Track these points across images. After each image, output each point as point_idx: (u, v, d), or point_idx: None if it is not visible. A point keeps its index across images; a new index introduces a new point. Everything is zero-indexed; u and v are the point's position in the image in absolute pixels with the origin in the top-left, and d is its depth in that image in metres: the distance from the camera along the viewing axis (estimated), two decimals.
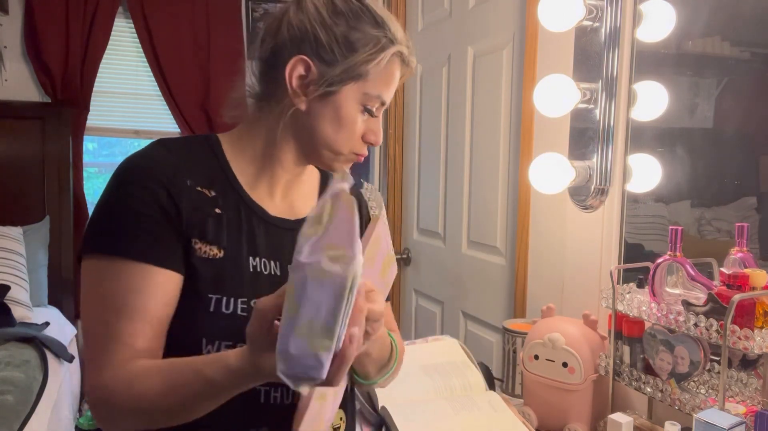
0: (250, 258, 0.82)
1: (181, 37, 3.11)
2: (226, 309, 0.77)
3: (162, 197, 0.76)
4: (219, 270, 0.79)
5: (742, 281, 0.99)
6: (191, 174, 0.80)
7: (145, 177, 0.77)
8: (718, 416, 0.92)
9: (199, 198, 0.80)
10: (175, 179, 0.78)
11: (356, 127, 0.83)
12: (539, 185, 1.44)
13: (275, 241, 0.85)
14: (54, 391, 1.98)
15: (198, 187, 0.80)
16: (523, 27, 1.78)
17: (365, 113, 0.84)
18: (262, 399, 0.81)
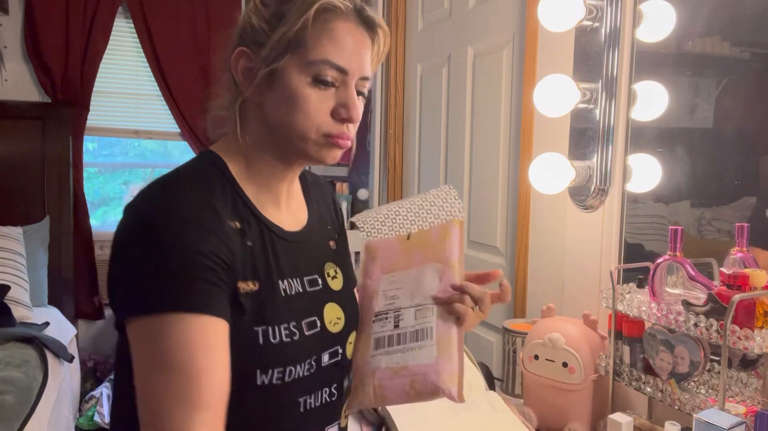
0: (280, 283, 0.80)
1: (181, 37, 3.12)
2: (273, 339, 0.76)
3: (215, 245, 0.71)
4: (258, 302, 0.76)
5: (742, 281, 0.99)
6: (221, 210, 0.75)
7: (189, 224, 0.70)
8: (718, 416, 0.92)
9: (234, 235, 0.75)
10: (219, 223, 0.73)
11: (310, 104, 0.76)
12: (539, 185, 1.44)
13: (293, 258, 0.83)
14: (54, 391, 1.98)
15: (230, 222, 0.76)
16: (523, 27, 1.78)
17: (319, 85, 0.76)
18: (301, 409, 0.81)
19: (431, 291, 0.83)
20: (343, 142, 0.79)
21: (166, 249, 0.68)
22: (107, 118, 3.16)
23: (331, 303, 0.86)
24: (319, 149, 0.79)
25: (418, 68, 2.53)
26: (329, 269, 0.89)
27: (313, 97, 0.76)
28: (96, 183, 3.36)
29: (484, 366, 1.50)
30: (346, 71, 0.77)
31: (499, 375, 1.60)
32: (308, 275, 0.85)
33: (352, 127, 0.80)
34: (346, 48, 0.76)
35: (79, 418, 2.62)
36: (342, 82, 0.77)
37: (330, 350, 0.84)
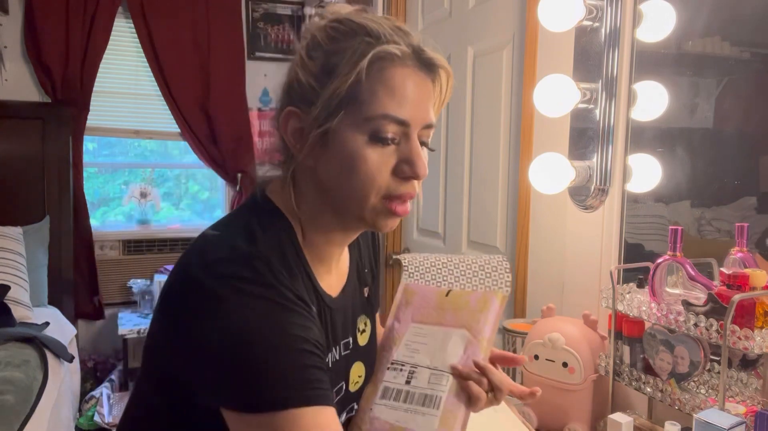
0: (329, 355, 0.76)
1: (181, 37, 3.12)
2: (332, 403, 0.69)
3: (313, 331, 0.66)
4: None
5: (742, 281, 0.99)
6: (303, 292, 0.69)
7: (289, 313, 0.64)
8: (718, 416, 0.92)
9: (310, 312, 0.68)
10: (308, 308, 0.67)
11: (370, 164, 0.67)
12: (539, 185, 1.44)
13: (336, 325, 0.78)
14: (54, 391, 1.98)
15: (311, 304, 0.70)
16: (523, 27, 1.78)
17: (378, 143, 0.68)
18: None
19: (452, 359, 0.80)
20: (401, 208, 0.71)
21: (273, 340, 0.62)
22: (107, 118, 3.16)
23: (358, 363, 0.83)
24: (376, 216, 0.71)
25: None
26: (360, 324, 0.85)
27: (372, 156, 0.68)
28: (96, 183, 3.36)
29: None
30: (408, 124, 0.68)
31: None
32: (344, 338, 0.81)
33: (417, 185, 0.72)
34: (405, 97, 0.67)
35: (79, 418, 2.62)
36: (403, 135, 0.69)
37: (347, 408, 0.82)
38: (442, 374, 0.79)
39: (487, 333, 0.81)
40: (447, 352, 0.80)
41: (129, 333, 2.86)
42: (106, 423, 2.60)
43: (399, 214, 0.71)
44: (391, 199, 0.70)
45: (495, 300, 0.83)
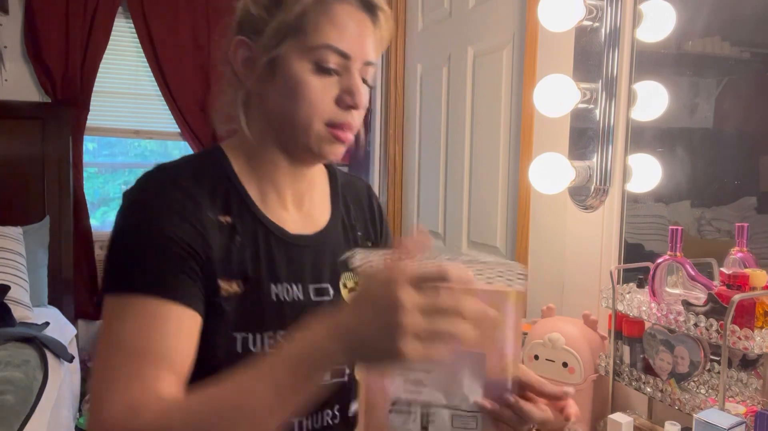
0: (272, 287, 0.75)
1: (181, 37, 3.12)
2: (254, 347, 0.72)
3: (193, 239, 0.70)
4: (241, 306, 0.73)
5: (742, 281, 0.99)
6: (209, 203, 0.74)
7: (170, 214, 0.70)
8: (718, 416, 0.92)
9: (221, 230, 0.73)
10: (197, 211, 0.72)
11: (313, 92, 0.72)
12: (539, 185, 1.44)
13: (296, 263, 0.79)
14: (54, 391, 1.98)
15: (219, 217, 0.74)
16: (523, 27, 1.77)
17: (320, 72, 0.73)
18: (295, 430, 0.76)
19: (473, 393, 0.64)
20: (343, 134, 0.75)
21: (140, 232, 0.69)
22: (107, 118, 3.16)
23: None
24: (320, 143, 0.75)
25: (418, 68, 2.53)
26: (347, 278, 0.83)
27: (316, 84, 0.73)
28: (96, 183, 3.36)
29: None
30: (349, 56, 0.73)
31: None
32: (316, 283, 0.80)
33: (357, 115, 0.76)
34: (346, 31, 0.73)
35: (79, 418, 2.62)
36: (345, 68, 0.74)
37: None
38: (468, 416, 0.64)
39: (510, 351, 0.63)
40: (464, 384, 0.64)
41: None
42: None
43: (342, 140, 0.75)
44: (333, 126, 0.74)
45: (508, 304, 0.63)
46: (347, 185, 0.92)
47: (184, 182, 0.74)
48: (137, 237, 0.69)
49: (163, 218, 0.70)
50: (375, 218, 0.93)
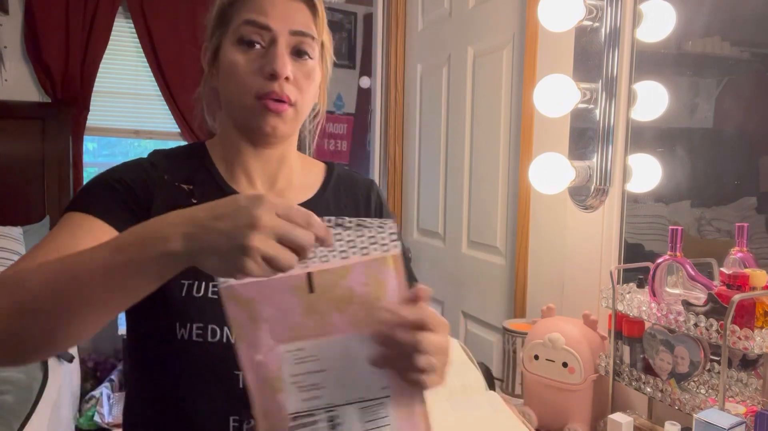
0: None
1: (181, 37, 3.12)
2: (197, 293, 0.76)
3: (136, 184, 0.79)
4: None
5: (742, 281, 0.99)
6: (170, 171, 0.83)
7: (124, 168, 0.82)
8: (718, 416, 0.92)
9: (173, 191, 0.82)
10: (153, 172, 0.82)
11: (239, 67, 0.78)
12: (539, 185, 1.44)
13: None
14: (54, 391, 1.98)
15: (176, 182, 0.82)
16: (523, 27, 1.78)
17: (244, 47, 0.78)
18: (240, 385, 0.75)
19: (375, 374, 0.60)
20: (273, 104, 0.78)
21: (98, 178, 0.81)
22: (107, 118, 3.16)
23: None
24: (254, 117, 0.79)
25: (418, 68, 2.53)
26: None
27: (239, 58, 0.78)
28: None
29: (484, 366, 1.50)
30: (268, 26, 0.77)
31: (499, 375, 1.60)
32: None
33: (290, 88, 0.78)
34: (263, 9, 0.78)
35: (79, 418, 2.62)
36: (270, 40, 0.78)
37: None
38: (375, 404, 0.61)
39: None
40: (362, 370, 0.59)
41: None
42: (106, 423, 2.60)
43: (271, 109, 0.78)
44: (261, 97, 0.78)
45: (387, 271, 0.58)
46: (345, 178, 0.95)
47: (155, 156, 0.85)
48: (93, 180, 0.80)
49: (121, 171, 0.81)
50: (371, 211, 0.95)
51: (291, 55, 0.79)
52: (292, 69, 0.79)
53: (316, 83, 0.84)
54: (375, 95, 2.75)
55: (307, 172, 0.93)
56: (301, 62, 0.80)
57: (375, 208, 0.96)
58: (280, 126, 0.80)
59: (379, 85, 2.74)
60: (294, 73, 0.79)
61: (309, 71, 0.81)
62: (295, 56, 0.80)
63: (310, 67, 0.81)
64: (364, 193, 0.96)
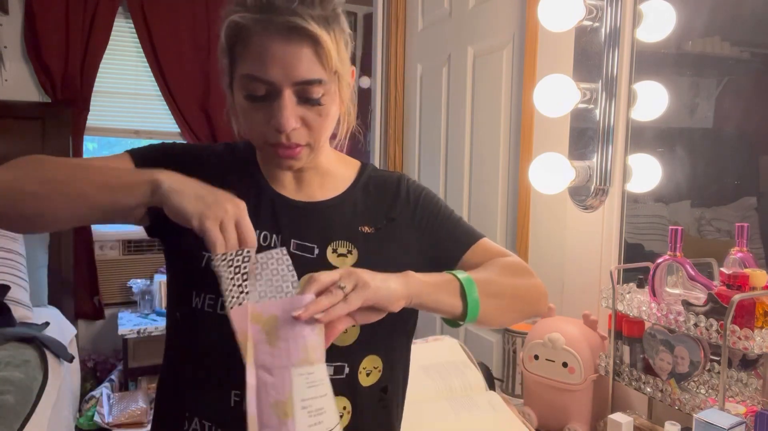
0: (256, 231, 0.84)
1: (181, 37, 3.12)
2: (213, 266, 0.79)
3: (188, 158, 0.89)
4: None
5: (742, 281, 0.99)
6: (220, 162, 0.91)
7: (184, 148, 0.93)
8: (718, 416, 0.92)
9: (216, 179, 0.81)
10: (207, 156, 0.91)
11: (249, 117, 0.80)
12: (539, 185, 1.44)
13: (282, 217, 0.87)
14: (54, 391, 1.98)
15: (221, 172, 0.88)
16: (523, 27, 1.77)
17: (251, 100, 0.79)
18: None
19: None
20: (283, 151, 0.81)
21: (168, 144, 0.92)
22: (107, 118, 3.16)
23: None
24: (271, 158, 0.84)
25: (418, 68, 2.53)
26: (339, 246, 0.87)
27: (249, 110, 0.80)
28: None
29: (484, 366, 1.50)
30: (271, 82, 0.76)
31: (499, 375, 1.60)
32: (299, 239, 0.86)
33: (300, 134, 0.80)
34: (263, 59, 0.76)
35: (79, 418, 2.62)
36: (272, 92, 0.77)
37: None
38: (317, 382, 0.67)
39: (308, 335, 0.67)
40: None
41: (129, 333, 2.85)
42: (106, 423, 2.60)
43: (281, 157, 0.82)
44: (272, 146, 0.81)
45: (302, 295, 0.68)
46: (376, 177, 0.97)
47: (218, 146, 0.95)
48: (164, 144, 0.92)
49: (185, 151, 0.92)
50: (401, 199, 0.95)
51: (299, 101, 0.79)
52: (302, 114, 0.79)
53: (333, 114, 0.84)
54: (375, 95, 2.75)
55: (341, 170, 0.95)
56: (311, 106, 0.80)
57: (405, 196, 0.95)
58: (296, 164, 0.84)
59: (379, 85, 2.74)
60: (304, 117, 0.80)
61: (320, 111, 0.81)
62: (304, 102, 0.79)
63: (321, 108, 0.81)
64: (393, 186, 0.96)
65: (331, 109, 0.82)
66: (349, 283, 0.69)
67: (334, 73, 0.80)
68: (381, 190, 0.96)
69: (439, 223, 0.95)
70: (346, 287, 0.69)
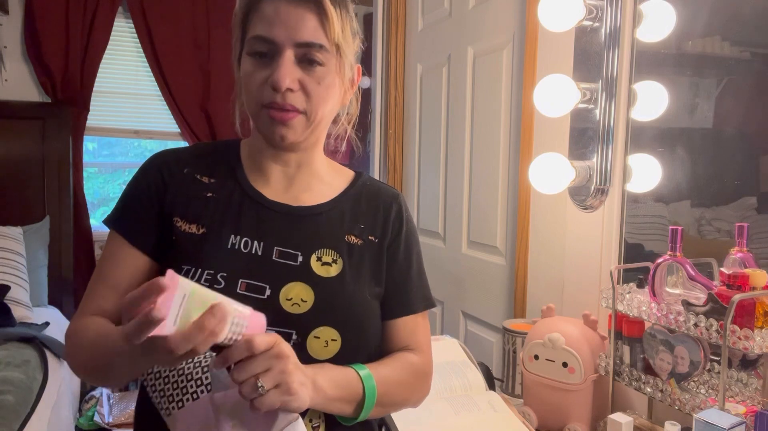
0: (231, 236, 0.85)
1: (181, 37, 3.12)
2: (191, 279, 0.77)
3: (155, 180, 0.87)
4: (197, 245, 0.84)
5: (742, 281, 0.99)
6: (193, 164, 0.89)
7: (150, 164, 0.89)
8: (718, 416, 0.92)
9: (192, 182, 0.88)
10: (174, 166, 0.88)
11: (250, 79, 0.81)
12: (539, 185, 1.44)
13: (266, 223, 0.86)
14: (54, 391, 1.98)
15: (196, 175, 0.88)
16: (523, 27, 1.78)
17: (254, 60, 0.81)
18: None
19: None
20: (276, 113, 0.80)
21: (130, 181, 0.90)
22: (107, 118, 3.16)
23: (300, 283, 0.83)
24: (264, 126, 0.83)
25: (418, 68, 2.53)
26: (324, 254, 0.87)
27: (249, 69, 0.81)
28: (96, 183, 3.36)
29: (484, 366, 1.50)
30: (272, 40, 0.79)
31: (499, 375, 1.60)
32: (282, 246, 0.85)
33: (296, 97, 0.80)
34: (270, 20, 0.79)
35: (79, 418, 2.62)
36: (275, 53, 0.80)
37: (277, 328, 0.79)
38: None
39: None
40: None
41: None
42: (106, 423, 2.60)
43: (273, 118, 0.81)
44: (267, 106, 0.81)
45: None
46: (370, 188, 0.97)
47: (183, 151, 0.92)
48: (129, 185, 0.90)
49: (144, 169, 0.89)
50: (390, 221, 0.94)
51: (300, 63, 0.81)
52: (301, 77, 0.80)
53: (332, 89, 0.84)
54: (375, 95, 2.75)
55: (332, 178, 0.95)
56: (310, 70, 0.81)
57: (395, 219, 0.95)
58: (289, 135, 0.83)
59: (379, 85, 2.74)
60: (302, 80, 0.81)
61: (319, 77, 0.81)
62: (305, 64, 0.81)
63: (320, 74, 0.82)
64: (386, 204, 0.95)
65: (331, 80, 0.83)
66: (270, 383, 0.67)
67: (336, 47, 0.82)
68: (374, 203, 0.95)
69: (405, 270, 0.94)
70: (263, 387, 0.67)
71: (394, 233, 0.94)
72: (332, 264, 0.86)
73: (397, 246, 0.94)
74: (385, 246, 0.93)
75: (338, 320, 0.84)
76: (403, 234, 0.95)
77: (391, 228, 0.94)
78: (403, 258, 0.94)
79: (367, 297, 0.89)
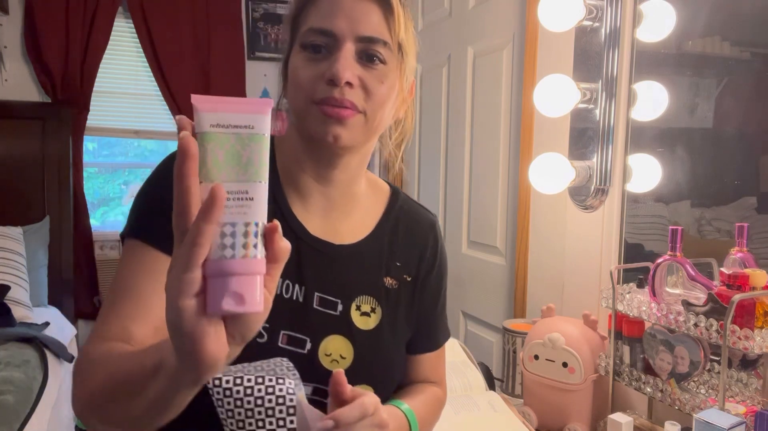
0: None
1: (181, 37, 3.12)
2: None
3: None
4: None
5: (742, 281, 0.99)
6: None
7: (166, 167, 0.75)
8: (718, 416, 0.92)
9: None
10: None
11: (302, 73, 0.73)
12: (539, 185, 1.44)
13: (307, 263, 0.78)
14: (54, 391, 1.98)
15: None
16: (523, 27, 1.78)
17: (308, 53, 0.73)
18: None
19: None
20: (332, 110, 0.71)
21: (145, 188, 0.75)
22: (107, 118, 3.16)
23: (339, 337, 0.77)
24: (314, 124, 0.73)
25: (419, 68, 2.53)
26: (363, 302, 0.81)
27: (301, 64, 0.73)
28: (96, 183, 3.36)
29: (484, 366, 1.50)
30: (331, 31, 0.72)
31: (499, 375, 1.60)
32: (323, 292, 0.78)
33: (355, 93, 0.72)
34: (330, 11, 0.72)
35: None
36: (333, 46, 0.72)
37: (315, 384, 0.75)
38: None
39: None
40: None
41: None
42: None
43: (328, 114, 0.71)
44: (320, 103, 0.72)
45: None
46: (408, 213, 0.89)
47: None
48: (142, 192, 0.75)
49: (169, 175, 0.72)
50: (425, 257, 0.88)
51: (359, 60, 0.73)
52: (361, 74, 0.72)
53: (393, 91, 0.76)
54: None
55: (369, 200, 0.87)
56: (371, 67, 0.73)
57: (430, 256, 0.89)
58: (344, 134, 0.72)
59: None
60: (362, 77, 0.72)
61: (381, 75, 0.74)
62: (365, 61, 0.73)
63: (381, 71, 0.74)
64: (423, 236, 0.89)
65: (393, 80, 0.75)
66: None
67: (399, 46, 0.76)
68: (411, 234, 0.88)
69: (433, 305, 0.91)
70: None
71: (428, 268, 0.89)
72: (371, 314, 0.81)
73: (430, 282, 0.90)
74: (419, 283, 0.88)
75: (374, 377, 0.80)
76: (435, 268, 0.90)
77: (426, 264, 0.89)
78: (434, 293, 0.90)
79: (402, 351, 0.87)
